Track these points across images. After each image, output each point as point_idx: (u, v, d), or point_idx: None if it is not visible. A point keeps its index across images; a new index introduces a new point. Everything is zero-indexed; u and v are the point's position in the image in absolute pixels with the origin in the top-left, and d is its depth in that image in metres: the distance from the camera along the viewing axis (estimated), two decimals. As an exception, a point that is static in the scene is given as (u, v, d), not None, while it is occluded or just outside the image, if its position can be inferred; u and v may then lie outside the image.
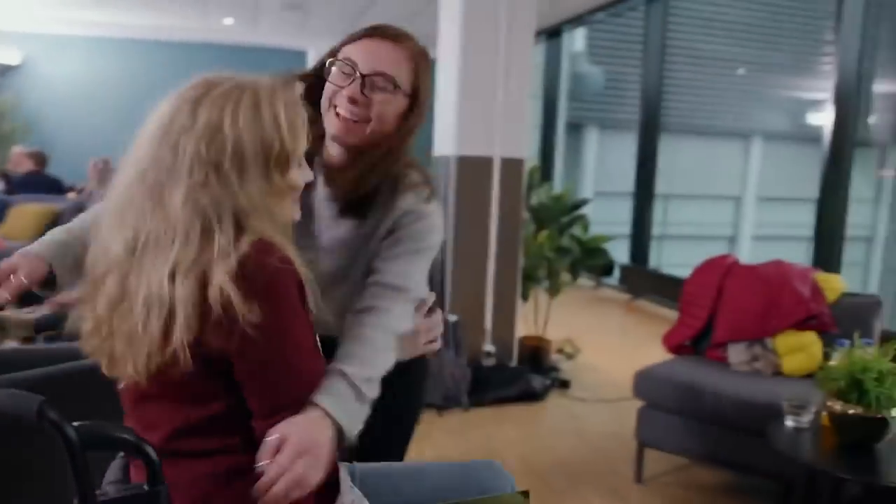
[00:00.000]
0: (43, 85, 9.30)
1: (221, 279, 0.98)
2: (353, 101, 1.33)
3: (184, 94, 1.09)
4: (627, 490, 2.98)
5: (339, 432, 1.09)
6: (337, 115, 1.35)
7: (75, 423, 0.92)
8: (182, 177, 1.03)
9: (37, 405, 0.91)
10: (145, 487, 0.99)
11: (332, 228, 1.41)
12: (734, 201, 11.78)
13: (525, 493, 1.37)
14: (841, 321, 2.92)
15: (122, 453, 1.20)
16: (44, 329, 2.56)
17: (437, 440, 3.43)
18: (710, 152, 11.47)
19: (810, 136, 7.25)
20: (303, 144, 1.11)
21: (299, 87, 1.23)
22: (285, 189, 1.09)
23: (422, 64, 1.40)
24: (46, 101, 9.26)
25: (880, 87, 7.87)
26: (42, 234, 1.45)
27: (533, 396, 4.03)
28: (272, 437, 1.02)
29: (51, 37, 9.24)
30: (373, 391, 1.17)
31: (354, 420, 1.12)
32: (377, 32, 1.38)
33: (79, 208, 6.45)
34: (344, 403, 1.10)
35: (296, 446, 1.01)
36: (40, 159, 7.39)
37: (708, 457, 2.87)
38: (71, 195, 7.56)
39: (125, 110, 9.38)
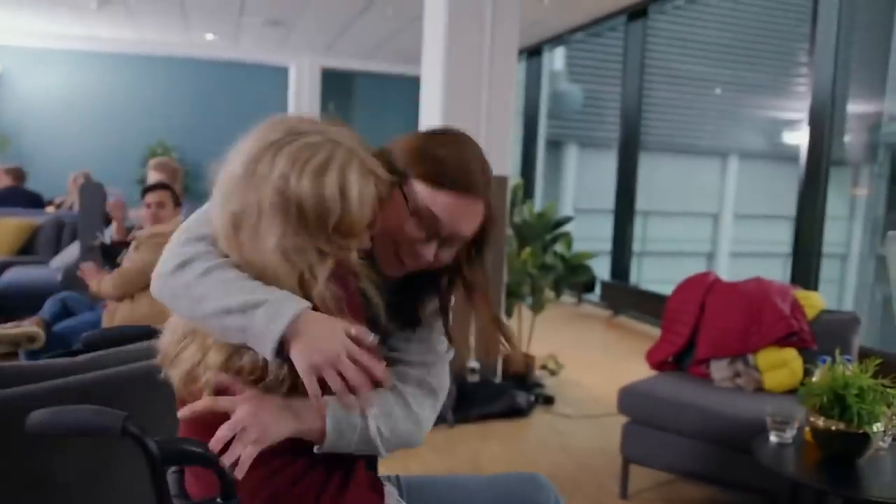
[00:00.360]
0: (21, 97, 9.23)
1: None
2: (422, 260, 1.24)
3: (267, 137, 1.07)
4: (612, 505, 3.00)
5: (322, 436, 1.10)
6: (400, 260, 1.25)
7: (156, 439, 0.96)
8: (271, 222, 1.04)
9: (121, 421, 0.96)
10: (219, 501, 1.02)
11: None
12: (712, 218, 11.94)
13: None
14: (820, 338, 2.97)
15: (174, 468, 1.24)
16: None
17: (424, 457, 3.43)
18: (688, 170, 11.63)
19: (786, 155, 7.38)
20: (367, 216, 1.09)
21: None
22: (341, 254, 1.09)
23: (490, 208, 1.29)
24: (25, 114, 9.21)
25: (854, 107, 8.04)
26: (22, 248, 1.44)
27: (518, 412, 4.04)
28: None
29: (30, 49, 9.19)
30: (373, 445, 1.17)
31: (342, 434, 1.12)
32: (468, 190, 1.21)
33: (58, 222, 6.39)
34: (347, 431, 1.12)
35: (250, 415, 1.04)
36: (18, 175, 7.32)
37: (693, 472, 2.90)
38: (50, 209, 7.49)
39: (105, 124, 9.37)
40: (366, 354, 1.05)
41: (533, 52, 8.92)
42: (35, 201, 7.29)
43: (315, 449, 1.11)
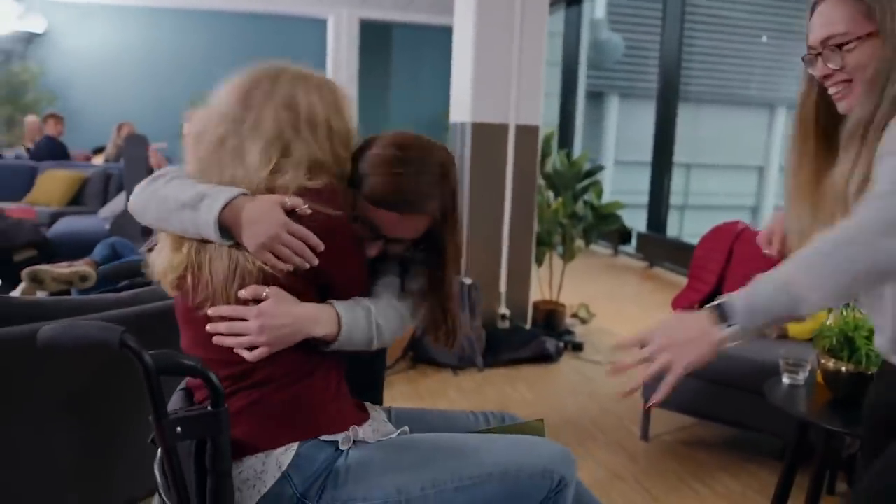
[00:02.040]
0: (68, 53, 9.42)
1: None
2: (371, 252, 1.40)
3: (259, 73, 1.32)
4: (634, 446, 3.09)
5: (336, 333, 1.28)
6: None
7: (151, 352, 1.07)
8: (261, 135, 1.25)
9: (119, 334, 1.06)
10: (209, 408, 1.13)
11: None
12: (757, 171, 11.72)
13: (540, 420, 1.54)
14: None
15: (181, 386, 1.38)
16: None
17: (453, 399, 3.56)
18: (734, 122, 11.38)
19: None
20: (353, 125, 1.37)
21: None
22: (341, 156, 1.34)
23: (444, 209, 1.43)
24: (71, 70, 9.40)
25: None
26: (72, 198, 1.60)
27: (546, 358, 4.14)
28: None
29: (76, 5, 9.33)
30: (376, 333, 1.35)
31: (352, 331, 1.29)
32: (405, 212, 1.36)
33: (105, 174, 6.62)
34: (353, 319, 1.30)
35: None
36: (58, 122, 7.65)
37: (711, 415, 2.97)
38: (97, 159, 7.74)
39: (148, 78, 9.52)
40: (302, 227, 1.21)
41: (572, 1, 8.77)
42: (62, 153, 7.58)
43: (324, 347, 1.29)
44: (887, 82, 1.22)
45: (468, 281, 4.05)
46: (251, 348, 1.22)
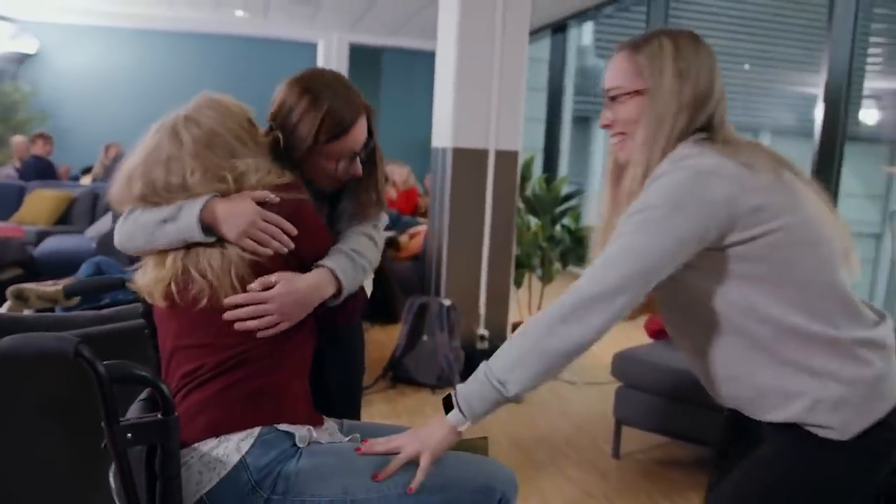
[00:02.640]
0: (59, 74, 9.51)
1: None
2: (353, 170, 1.65)
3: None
4: (606, 464, 3.15)
5: (339, 285, 1.46)
6: (335, 178, 1.64)
7: (105, 362, 1.13)
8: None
9: (74, 345, 1.11)
10: (159, 416, 1.19)
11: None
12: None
13: (484, 438, 1.58)
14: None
15: (140, 397, 1.46)
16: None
17: (430, 415, 3.61)
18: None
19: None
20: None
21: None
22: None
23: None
24: (62, 90, 9.49)
25: (889, 83, 7.91)
26: (59, 218, 1.69)
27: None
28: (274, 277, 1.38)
29: (67, 26, 9.44)
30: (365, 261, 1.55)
31: (349, 276, 1.48)
32: (357, 119, 1.61)
33: (93, 193, 6.67)
34: (343, 267, 1.48)
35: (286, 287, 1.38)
36: (47, 142, 7.73)
37: (682, 434, 3.04)
38: (85, 180, 7.81)
39: (138, 99, 9.61)
40: (273, 214, 1.37)
41: (558, 28, 8.94)
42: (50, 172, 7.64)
43: (331, 303, 1.47)
44: (656, 138, 1.29)
45: (447, 302, 4.13)
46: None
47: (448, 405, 1.32)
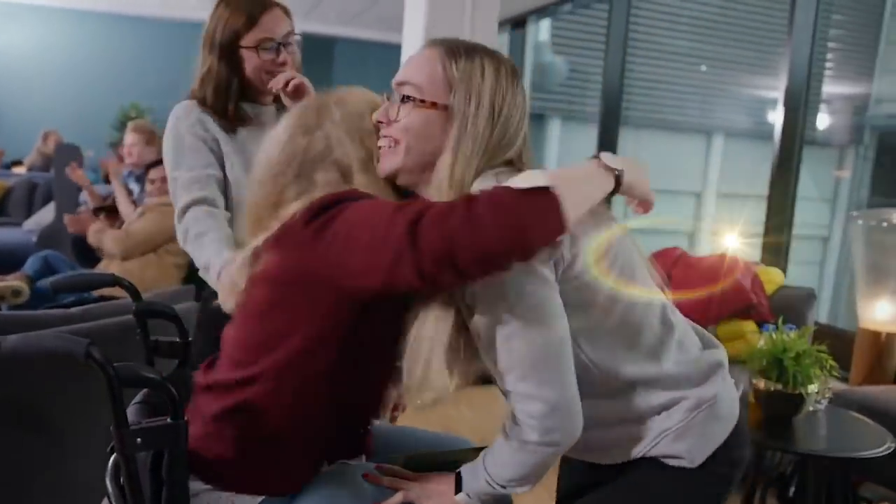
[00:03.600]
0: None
1: None
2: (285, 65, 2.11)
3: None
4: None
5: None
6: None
7: (116, 364, 1.10)
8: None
9: (85, 346, 1.08)
10: (168, 420, 1.15)
11: None
12: (695, 197, 12.00)
13: (478, 450, 1.51)
14: (778, 312, 3.04)
15: (135, 399, 1.42)
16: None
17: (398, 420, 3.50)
18: (672, 147, 11.65)
19: (770, 134, 7.43)
20: None
21: None
22: None
23: None
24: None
25: (840, 88, 8.07)
26: None
27: (489, 380, 4.10)
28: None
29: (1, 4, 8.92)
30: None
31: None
32: (268, 6, 2.00)
33: (30, 183, 6.34)
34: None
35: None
36: None
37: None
38: (20, 169, 7.43)
39: (76, 84, 9.08)
40: None
41: (517, 24, 8.88)
42: None
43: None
44: (453, 173, 1.16)
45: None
46: None
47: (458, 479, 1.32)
